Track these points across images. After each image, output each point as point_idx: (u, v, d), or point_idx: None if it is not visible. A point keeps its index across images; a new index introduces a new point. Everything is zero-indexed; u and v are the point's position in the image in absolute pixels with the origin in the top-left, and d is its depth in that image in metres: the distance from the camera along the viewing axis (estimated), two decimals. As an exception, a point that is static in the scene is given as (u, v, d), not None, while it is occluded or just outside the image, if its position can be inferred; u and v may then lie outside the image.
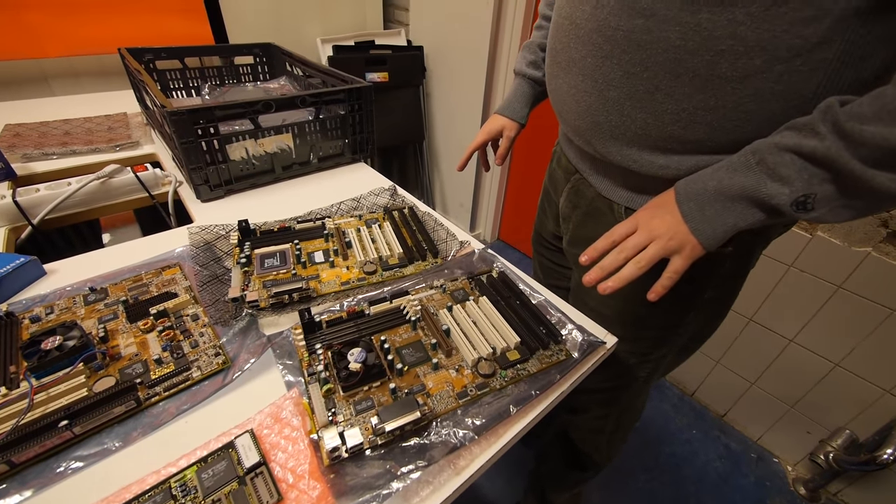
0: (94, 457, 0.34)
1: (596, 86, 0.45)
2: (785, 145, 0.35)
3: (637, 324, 0.57)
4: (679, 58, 0.38)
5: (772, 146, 0.36)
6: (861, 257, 0.88)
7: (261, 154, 0.73)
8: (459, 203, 1.96)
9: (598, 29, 0.42)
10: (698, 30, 0.36)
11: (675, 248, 0.41)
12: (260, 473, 0.32)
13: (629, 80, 0.42)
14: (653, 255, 0.41)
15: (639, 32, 0.39)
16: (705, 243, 0.40)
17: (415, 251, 0.58)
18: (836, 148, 0.32)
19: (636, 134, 0.44)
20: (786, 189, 0.35)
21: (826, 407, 1.05)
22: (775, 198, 0.35)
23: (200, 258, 0.54)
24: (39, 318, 0.45)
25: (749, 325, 1.12)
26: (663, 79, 0.40)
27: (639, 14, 0.38)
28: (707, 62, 0.37)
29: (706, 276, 0.51)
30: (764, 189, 0.36)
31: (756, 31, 0.34)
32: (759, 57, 0.35)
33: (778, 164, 0.35)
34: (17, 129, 0.85)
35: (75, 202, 0.66)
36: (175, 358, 0.42)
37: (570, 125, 0.52)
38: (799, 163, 0.34)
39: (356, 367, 0.39)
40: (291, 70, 1.01)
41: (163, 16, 1.28)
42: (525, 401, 0.40)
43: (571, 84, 0.48)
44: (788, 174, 0.34)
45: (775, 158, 0.35)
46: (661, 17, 0.37)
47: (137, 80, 0.79)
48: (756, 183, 0.36)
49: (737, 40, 0.35)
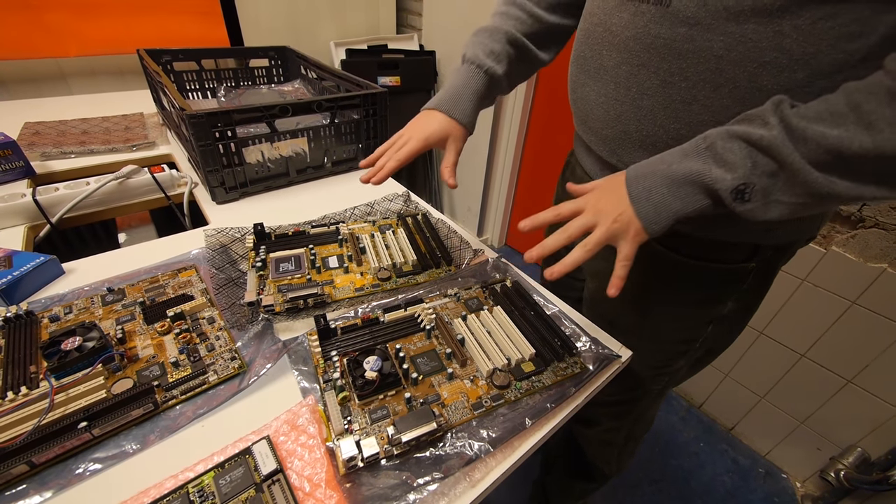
0: (113, 459, 0.34)
1: (629, 94, 0.44)
2: (735, 132, 0.35)
3: (654, 337, 0.56)
4: (720, 68, 0.37)
5: (723, 133, 0.36)
6: (876, 273, 0.87)
7: (276, 157, 0.73)
8: (467, 208, 1.96)
9: (637, 37, 0.41)
10: (743, 40, 0.35)
11: (620, 231, 0.39)
12: (277, 481, 0.32)
13: (666, 89, 0.41)
14: (598, 239, 0.40)
15: (681, 41, 0.38)
16: (648, 228, 0.39)
17: (428, 258, 0.58)
18: (782, 139, 0.33)
19: (667, 144, 0.44)
20: (728, 175, 0.35)
21: (837, 424, 1.03)
22: (718, 183, 0.35)
23: (216, 261, 0.55)
24: (58, 318, 0.46)
25: (760, 338, 1.11)
26: (702, 89, 0.39)
27: (682, 23, 0.38)
28: (749, 74, 0.36)
29: (728, 291, 0.50)
30: (709, 174, 0.36)
31: (802, 45, 0.34)
32: (802, 71, 0.35)
33: (725, 150, 0.35)
34: (37, 127, 0.86)
35: (93, 202, 0.66)
36: (192, 361, 0.42)
37: (597, 134, 0.51)
38: (745, 150, 0.35)
39: (372, 376, 0.39)
40: (306, 73, 1.02)
41: (180, 18, 1.30)
42: (540, 413, 0.40)
43: (601, 92, 0.47)
44: (734, 160, 0.35)
45: (724, 144, 0.35)
46: (705, 26, 0.37)
47: (156, 81, 0.80)
48: (702, 167, 0.36)
49: (781, 53, 0.35)
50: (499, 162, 1.76)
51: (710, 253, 0.47)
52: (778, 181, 0.34)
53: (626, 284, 0.40)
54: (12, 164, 0.69)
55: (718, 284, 0.50)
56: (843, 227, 0.90)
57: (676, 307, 0.53)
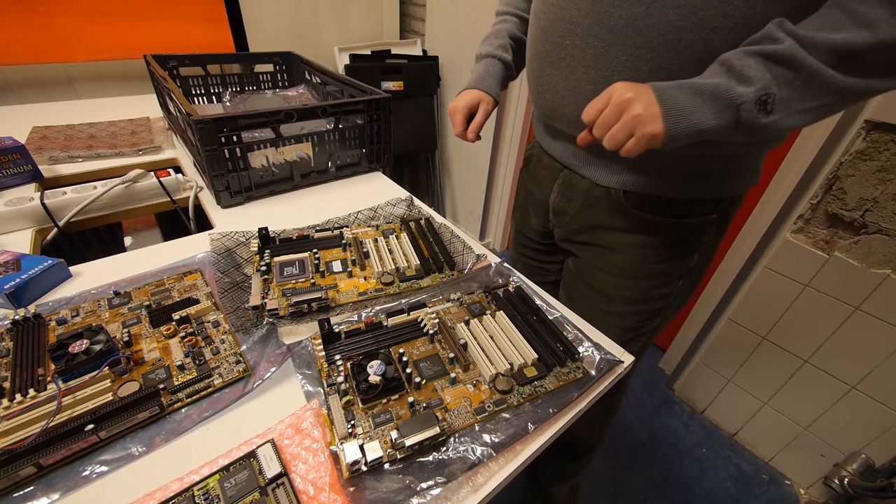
0: (119, 461, 0.35)
1: (600, 74, 0.48)
2: (749, 51, 0.38)
3: (636, 298, 0.61)
4: (679, 37, 0.42)
5: (738, 53, 0.39)
6: (880, 279, 0.87)
7: (281, 162, 0.74)
8: (470, 212, 1.97)
9: (599, 21, 0.46)
10: (694, 10, 0.40)
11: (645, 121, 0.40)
12: (281, 484, 0.33)
13: (634, 62, 0.45)
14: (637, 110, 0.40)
15: (641, 18, 0.43)
16: (669, 132, 0.40)
17: (431, 263, 0.58)
18: (794, 47, 0.36)
19: None
20: (751, 88, 0.38)
21: (841, 430, 1.03)
22: (742, 96, 0.38)
23: (221, 265, 0.55)
24: (66, 321, 0.46)
25: (762, 343, 1.11)
26: (665, 57, 0.44)
27: (639, 2, 0.43)
28: (703, 39, 0.41)
29: (695, 243, 0.57)
30: (733, 89, 0.38)
31: (742, 9, 0.39)
32: (744, 31, 0.40)
33: (744, 67, 0.38)
34: (45, 131, 0.87)
35: (100, 205, 0.67)
36: (197, 364, 0.42)
37: (569, 119, 0.54)
38: (762, 63, 0.38)
39: (376, 380, 0.39)
40: (310, 78, 1.03)
41: (186, 23, 1.31)
42: (543, 418, 0.40)
43: (570, 78, 0.51)
44: (754, 74, 0.38)
45: (741, 62, 0.38)
46: (660, 3, 0.42)
47: (162, 86, 0.81)
48: (726, 83, 0.39)
49: (727, 18, 0.40)
50: (501, 167, 1.77)
51: (682, 209, 0.54)
52: (796, 88, 0.37)
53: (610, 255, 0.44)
54: (20, 168, 0.70)
55: (689, 238, 0.57)
56: (846, 233, 0.90)
57: (656, 265, 0.58)
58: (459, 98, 0.69)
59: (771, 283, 1.04)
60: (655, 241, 0.56)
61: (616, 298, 0.62)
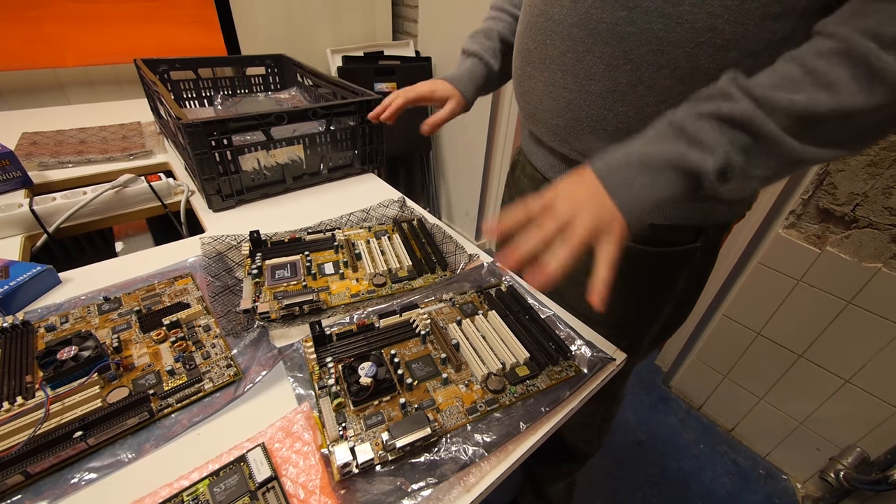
0: (108, 468, 0.34)
1: (577, 80, 0.45)
2: (701, 112, 0.35)
3: (621, 324, 0.58)
4: (661, 49, 0.39)
5: (689, 114, 0.35)
6: (871, 273, 0.87)
7: (272, 165, 0.74)
8: (465, 212, 1.97)
9: (579, 23, 0.42)
10: (680, 21, 0.37)
11: (603, 226, 0.36)
12: (272, 488, 0.32)
13: (611, 72, 0.42)
14: (582, 235, 0.35)
15: (622, 24, 0.40)
16: (631, 221, 0.36)
17: (424, 264, 0.58)
18: (752, 110, 0.32)
19: (616, 128, 0.45)
20: (709, 156, 0.34)
21: (836, 424, 1.03)
22: (700, 165, 0.34)
23: (212, 269, 0.55)
24: (55, 327, 0.46)
25: (757, 338, 1.11)
26: (645, 71, 0.40)
27: (622, 6, 0.39)
28: (688, 54, 0.38)
29: (680, 271, 0.54)
30: (688, 156, 0.34)
31: (732, 25, 0.36)
32: (734, 50, 0.37)
33: (699, 131, 0.34)
34: (34, 137, 0.86)
35: (90, 211, 0.67)
36: (187, 369, 0.42)
37: (546, 125, 0.51)
38: (718, 127, 0.34)
39: (367, 382, 0.39)
40: (302, 81, 1.03)
41: (177, 27, 1.31)
42: (535, 417, 0.40)
43: (549, 81, 0.48)
44: (710, 140, 0.34)
45: (695, 125, 0.34)
46: (644, 9, 0.38)
47: (153, 90, 0.81)
48: (680, 151, 0.35)
49: (715, 33, 0.36)
50: (495, 166, 1.77)
51: (663, 238, 0.51)
52: (753, 155, 0.34)
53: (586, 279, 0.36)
54: (9, 175, 0.69)
55: (672, 266, 0.54)
56: (837, 228, 0.91)
57: (639, 294, 0.56)
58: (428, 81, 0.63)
59: (764, 278, 1.04)
60: (635, 270, 0.52)
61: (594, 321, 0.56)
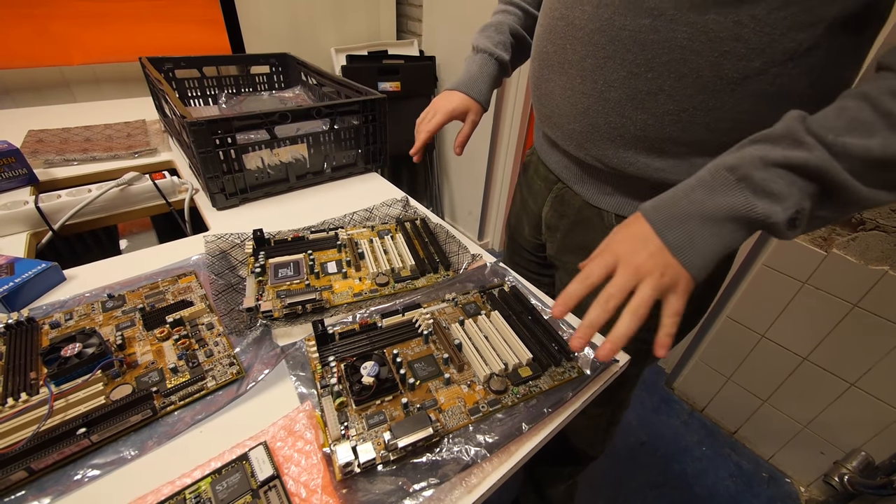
0: (111, 465, 0.35)
1: (596, 87, 0.45)
2: (772, 159, 0.33)
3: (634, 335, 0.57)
4: (684, 58, 0.38)
5: (755, 160, 0.33)
6: (878, 276, 0.87)
7: (276, 163, 0.74)
8: (468, 211, 1.97)
9: (601, 29, 0.42)
10: (705, 30, 0.36)
11: (669, 286, 0.35)
12: (273, 487, 0.32)
13: (632, 80, 0.42)
14: (649, 300, 0.35)
15: (645, 32, 0.39)
16: (697, 275, 0.36)
17: (427, 263, 0.58)
18: (826, 158, 0.31)
19: (634, 136, 0.45)
20: (779, 207, 0.32)
21: (841, 427, 1.03)
22: (770, 217, 0.33)
23: (216, 267, 0.55)
24: (59, 324, 0.46)
25: (762, 341, 1.10)
26: (667, 79, 0.40)
27: (646, 13, 0.38)
28: (711, 63, 0.37)
29: None
30: (756, 208, 0.33)
31: (758, 34, 0.35)
32: (758, 59, 0.36)
33: (766, 181, 0.33)
34: (40, 134, 0.87)
35: (95, 208, 0.67)
36: (190, 367, 0.42)
37: (562, 129, 0.51)
38: (788, 177, 0.32)
39: (369, 381, 0.39)
40: (306, 80, 1.03)
41: (182, 26, 1.31)
42: (537, 419, 0.40)
43: (567, 86, 0.48)
44: (780, 190, 0.32)
45: (762, 174, 0.33)
46: (668, 17, 0.37)
47: (157, 89, 0.81)
48: (745, 202, 0.33)
49: (740, 42, 0.36)
50: (499, 166, 1.76)
51: None
52: (823, 202, 0.33)
53: None
54: (15, 172, 0.70)
55: None
56: (844, 230, 0.90)
57: None
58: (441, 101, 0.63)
59: (769, 280, 1.04)
60: None
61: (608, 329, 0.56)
